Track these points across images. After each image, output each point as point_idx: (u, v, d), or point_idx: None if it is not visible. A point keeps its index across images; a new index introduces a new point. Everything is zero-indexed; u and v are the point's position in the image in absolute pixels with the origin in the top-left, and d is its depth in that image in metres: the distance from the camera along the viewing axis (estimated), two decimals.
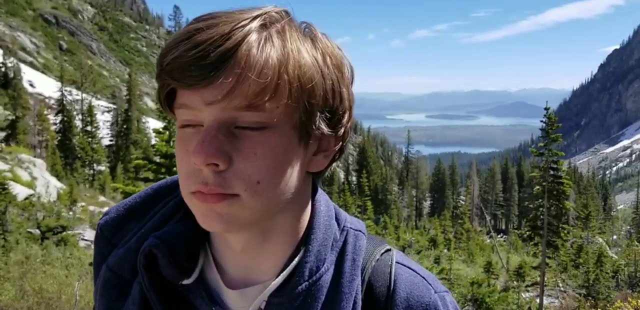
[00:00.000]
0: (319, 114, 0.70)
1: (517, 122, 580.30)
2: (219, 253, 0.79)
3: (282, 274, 0.73)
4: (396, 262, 0.81)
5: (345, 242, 0.78)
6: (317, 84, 0.67)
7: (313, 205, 0.79)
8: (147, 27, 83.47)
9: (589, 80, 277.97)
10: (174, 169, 8.46)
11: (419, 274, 0.82)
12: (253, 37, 0.63)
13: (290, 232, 0.76)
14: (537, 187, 16.34)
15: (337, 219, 0.81)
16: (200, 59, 0.62)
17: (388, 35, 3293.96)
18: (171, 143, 8.61)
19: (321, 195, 0.82)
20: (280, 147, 0.67)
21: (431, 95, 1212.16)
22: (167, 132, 8.83)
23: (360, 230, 0.81)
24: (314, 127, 0.70)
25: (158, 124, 21.49)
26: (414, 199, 71.36)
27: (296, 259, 0.74)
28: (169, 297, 0.76)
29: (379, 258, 0.81)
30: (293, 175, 0.70)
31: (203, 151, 0.63)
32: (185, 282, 0.76)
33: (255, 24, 0.63)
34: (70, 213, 20.27)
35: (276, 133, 0.67)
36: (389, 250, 0.83)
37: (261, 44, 0.63)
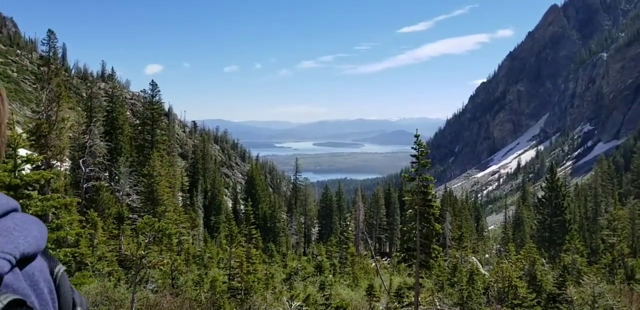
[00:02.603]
0: None
1: (398, 149, 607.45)
2: None
3: None
4: None
5: None
6: None
7: None
8: (19, 51, 78.06)
9: (461, 110, 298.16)
10: (20, 201, 7.65)
11: None
12: None
13: None
14: (410, 210, 16.94)
15: None
16: None
17: (275, 65, 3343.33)
18: (16, 173, 7.84)
19: None
20: None
21: (318, 124, 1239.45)
22: (12, 161, 8.02)
23: None
24: None
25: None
26: (303, 225, 71.50)
27: None
28: None
29: None
30: None
31: None
32: None
33: None
34: None
35: None
36: None
37: None
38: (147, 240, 14.82)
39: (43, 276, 0.98)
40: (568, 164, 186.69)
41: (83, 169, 33.41)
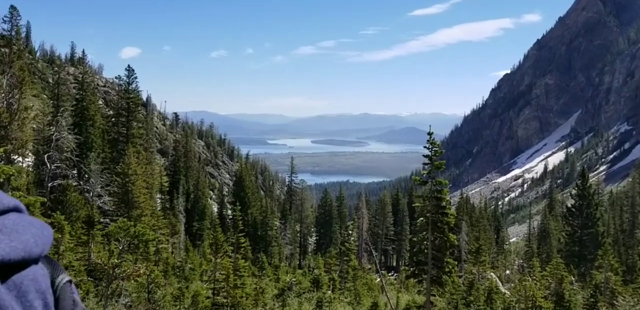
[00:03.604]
0: None
1: (408, 149, 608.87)
2: None
3: None
4: None
5: None
6: None
7: None
8: None
9: (480, 105, 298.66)
10: None
11: None
12: None
13: None
14: (421, 218, 16.96)
15: None
16: None
17: (269, 51, 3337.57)
18: None
19: None
20: None
21: (318, 119, 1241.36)
22: None
23: None
24: None
25: None
26: (298, 234, 71.56)
27: None
28: None
29: None
30: None
31: None
32: None
33: None
34: None
35: None
36: None
37: None
38: (120, 248, 14.82)
39: (36, 286, 0.95)
40: (602, 168, 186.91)
41: (48, 165, 33.39)
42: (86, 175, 37.74)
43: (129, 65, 47.07)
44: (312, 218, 76.03)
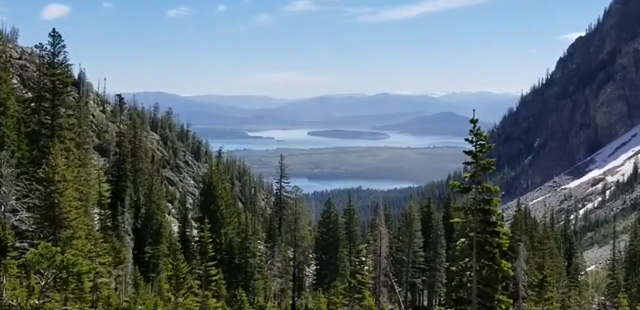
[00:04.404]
0: None
1: (444, 143, 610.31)
2: None
3: None
4: None
5: None
6: None
7: None
8: None
9: (544, 81, 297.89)
10: None
11: None
12: None
13: None
14: (462, 239, 16.91)
15: None
16: None
17: (249, 7, 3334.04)
18: None
19: None
20: None
21: (318, 102, 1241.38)
22: None
23: None
24: None
25: None
26: (291, 262, 71.57)
27: None
28: None
29: None
30: None
31: None
32: None
33: None
34: None
35: None
36: None
37: None
38: (43, 283, 14.85)
39: None
40: None
41: None
42: None
43: (54, 29, 47.09)
44: (310, 240, 75.98)
